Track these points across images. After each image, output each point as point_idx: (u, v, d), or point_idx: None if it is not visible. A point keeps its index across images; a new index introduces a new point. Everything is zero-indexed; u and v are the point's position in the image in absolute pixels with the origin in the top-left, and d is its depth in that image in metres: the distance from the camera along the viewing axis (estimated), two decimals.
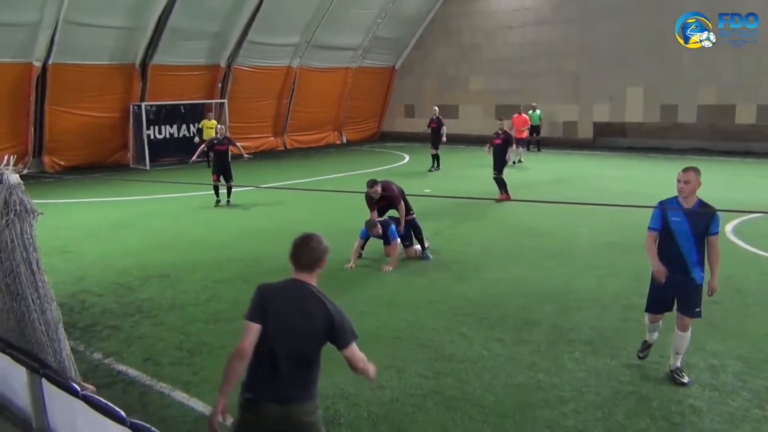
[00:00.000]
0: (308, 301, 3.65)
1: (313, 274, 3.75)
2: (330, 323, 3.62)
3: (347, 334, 3.67)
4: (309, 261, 3.71)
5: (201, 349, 6.86)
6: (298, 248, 3.73)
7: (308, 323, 3.61)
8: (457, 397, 5.63)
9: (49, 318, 4.04)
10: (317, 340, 3.65)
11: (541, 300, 8.17)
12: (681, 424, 5.10)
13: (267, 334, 3.62)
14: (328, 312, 3.63)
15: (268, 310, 3.64)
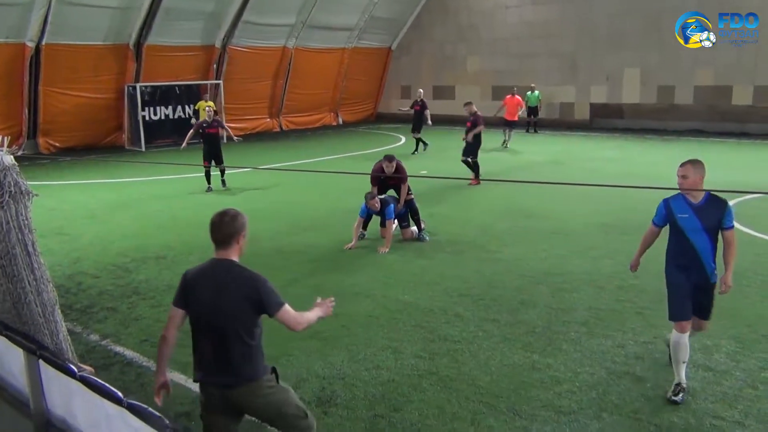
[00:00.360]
0: (228, 277, 3.67)
1: (232, 250, 3.75)
2: (253, 293, 3.63)
3: (272, 301, 3.68)
4: (224, 237, 3.72)
5: None
6: (214, 225, 3.75)
7: (231, 298, 3.63)
8: (453, 378, 5.67)
9: (46, 300, 4.03)
10: (244, 314, 3.65)
11: (536, 281, 8.21)
12: (675, 404, 5.14)
13: (194, 317, 3.74)
14: (248, 283, 3.65)
15: (190, 293, 3.73)
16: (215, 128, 14.78)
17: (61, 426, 3.27)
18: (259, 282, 3.68)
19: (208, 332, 3.70)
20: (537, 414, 5.04)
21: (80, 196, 14.70)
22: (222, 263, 3.73)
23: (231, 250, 3.75)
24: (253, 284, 3.66)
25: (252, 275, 3.70)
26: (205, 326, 3.72)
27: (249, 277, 3.69)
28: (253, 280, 3.68)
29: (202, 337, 3.75)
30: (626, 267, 8.62)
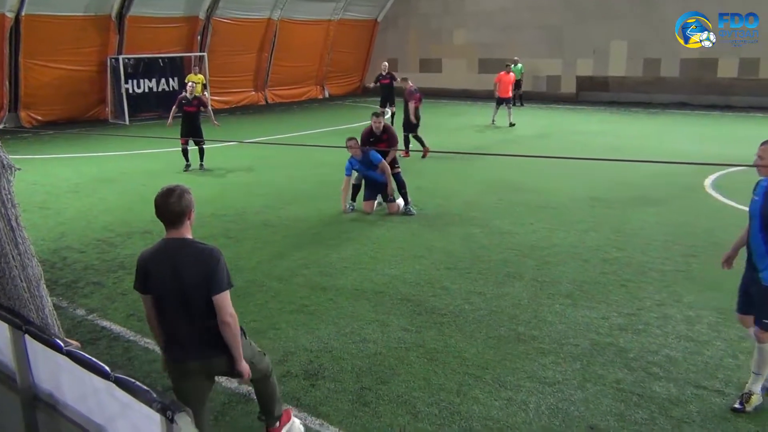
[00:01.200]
0: (182, 255, 3.63)
1: (184, 228, 3.69)
2: (205, 270, 3.59)
3: (218, 281, 3.60)
4: (173, 217, 3.65)
5: None
6: (160, 207, 3.65)
7: (187, 277, 3.59)
8: (439, 350, 5.72)
9: (30, 274, 4.01)
10: (202, 291, 3.61)
11: (522, 254, 8.26)
12: (657, 374, 5.23)
13: (157, 299, 3.72)
14: (202, 257, 3.62)
15: (148, 276, 3.69)
16: (194, 107, 13.97)
17: (48, 400, 3.27)
18: (212, 257, 3.63)
19: (176, 311, 3.68)
20: (522, 385, 5.11)
21: (63, 170, 14.55)
22: (175, 242, 3.68)
23: (183, 229, 3.69)
24: (207, 258, 3.62)
25: (207, 249, 3.66)
26: (171, 306, 3.68)
27: (203, 250, 3.66)
28: (207, 254, 3.64)
29: (170, 317, 3.72)
30: (611, 239, 8.75)
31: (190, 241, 3.69)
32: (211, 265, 3.59)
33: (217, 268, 3.60)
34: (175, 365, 3.83)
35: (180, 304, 3.65)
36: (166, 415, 2.34)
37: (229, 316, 3.63)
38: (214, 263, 3.60)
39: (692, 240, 8.67)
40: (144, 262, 3.74)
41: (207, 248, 3.66)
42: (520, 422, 4.61)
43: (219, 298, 3.60)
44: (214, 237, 9.27)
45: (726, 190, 11.38)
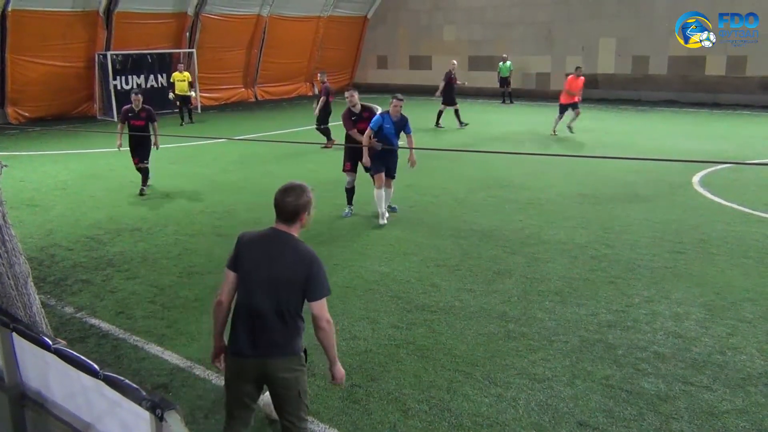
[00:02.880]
0: (283, 249, 3.54)
1: (294, 227, 3.61)
2: (305, 272, 3.50)
3: (319, 287, 3.54)
4: (287, 215, 3.58)
5: (174, 302, 6.86)
6: (278, 200, 3.60)
7: (282, 271, 3.51)
8: (429, 347, 5.73)
9: (18, 272, 3.99)
10: (292, 290, 3.52)
11: (511, 251, 8.28)
12: (645, 370, 5.26)
13: (242, 283, 3.59)
14: (304, 259, 3.52)
15: (243, 258, 3.59)
16: (143, 120, 11.70)
17: (36, 398, 3.26)
18: (314, 261, 3.54)
19: (253, 300, 3.55)
20: (512, 381, 5.12)
21: (51, 166, 14.44)
22: (281, 234, 3.59)
23: (293, 227, 3.61)
24: (309, 261, 3.52)
25: (310, 252, 3.56)
26: (250, 293, 3.56)
27: (306, 252, 3.56)
28: (310, 257, 3.54)
29: (246, 304, 3.59)
30: (600, 236, 8.79)
31: (296, 238, 3.61)
32: (313, 269, 3.52)
33: (320, 273, 3.53)
34: (234, 360, 3.64)
35: (266, 296, 3.53)
36: (156, 413, 2.33)
37: (326, 322, 3.56)
38: (317, 267, 3.53)
39: (680, 237, 8.72)
40: (245, 241, 3.65)
41: (312, 252, 3.57)
42: (510, 419, 4.63)
43: (318, 305, 3.53)
44: (204, 234, 9.25)
45: (714, 187, 11.46)
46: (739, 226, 9.21)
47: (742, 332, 5.92)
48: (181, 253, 8.44)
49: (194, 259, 8.18)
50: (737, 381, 5.08)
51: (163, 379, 5.25)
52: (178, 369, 5.42)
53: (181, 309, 6.67)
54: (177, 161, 14.76)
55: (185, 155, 15.48)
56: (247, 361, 3.58)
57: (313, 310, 3.54)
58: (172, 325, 6.28)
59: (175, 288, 7.26)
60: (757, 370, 5.25)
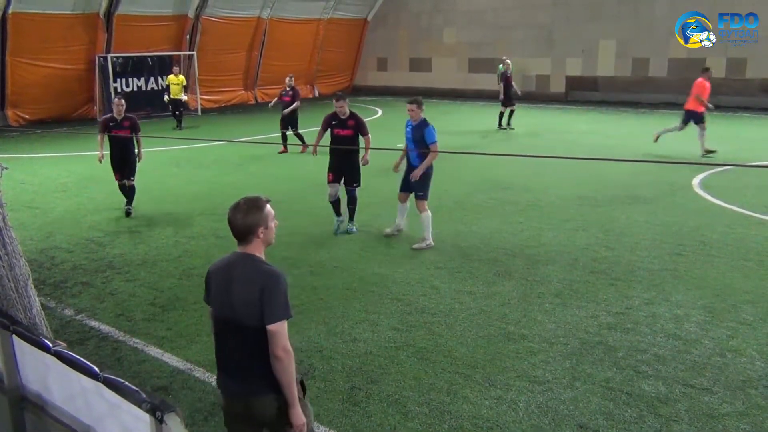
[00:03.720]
0: (241, 271, 3.27)
1: (252, 245, 3.31)
2: (258, 292, 3.18)
3: (272, 307, 3.18)
4: (239, 233, 3.31)
5: (174, 304, 6.86)
6: (229, 221, 3.33)
7: (240, 294, 3.23)
8: (429, 349, 5.73)
9: (18, 274, 3.99)
10: (251, 314, 3.20)
11: (511, 253, 8.28)
12: (645, 373, 5.26)
13: (212, 313, 3.44)
14: (258, 279, 3.21)
15: (209, 287, 3.43)
16: (126, 130, 10.34)
17: (36, 401, 3.25)
18: (269, 281, 3.22)
19: (223, 332, 3.34)
20: (512, 384, 5.12)
21: (51, 169, 14.45)
22: (238, 257, 3.33)
23: (251, 245, 3.31)
24: (261, 279, 3.21)
25: (266, 271, 3.25)
26: (220, 325, 3.36)
27: (262, 272, 3.25)
28: (262, 274, 3.24)
29: (218, 336, 3.40)
30: (600, 238, 8.79)
31: (253, 258, 3.30)
32: (267, 288, 3.19)
33: (273, 292, 3.19)
34: (222, 398, 3.45)
35: (230, 324, 3.28)
36: (156, 416, 2.33)
37: (281, 350, 3.17)
38: (271, 285, 3.20)
39: (680, 239, 8.72)
40: (209, 272, 3.47)
41: (268, 269, 3.26)
42: (510, 421, 4.63)
43: (272, 329, 3.17)
44: (203, 236, 9.25)
45: (714, 189, 11.45)
46: (740, 228, 9.21)
47: (743, 334, 5.92)
48: (181, 255, 8.44)
49: (194, 261, 8.18)
50: (737, 383, 5.07)
51: (163, 382, 5.25)
52: (177, 371, 5.42)
53: (181, 311, 6.67)
54: (177, 163, 14.78)
55: (185, 157, 15.49)
56: (232, 400, 3.37)
57: (269, 335, 3.18)
58: (172, 328, 6.28)
59: (175, 290, 7.26)
60: (757, 372, 5.24)
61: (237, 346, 3.28)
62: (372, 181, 12.64)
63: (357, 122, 8.97)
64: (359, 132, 9.02)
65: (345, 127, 8.95)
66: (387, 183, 12.42)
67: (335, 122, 8.97)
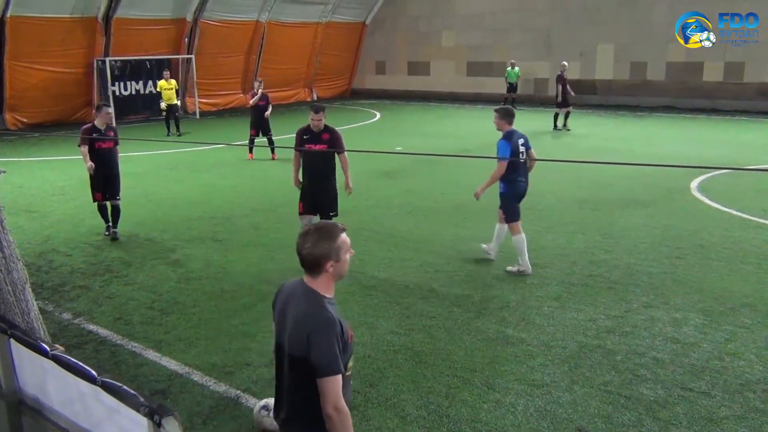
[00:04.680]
0: (297, 307, 2.96)
1: (317, 280, 2.97)
2: (304, 341, 2.86)
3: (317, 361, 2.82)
4: (305, 265, 2.99)
5: (173, 308, 6.84)
6: (297, 247, 2.99)
7: (292, 333, 2.94)
8: (428, 353, 5.72)
9: (16, 278, 3.98)
10: (297, 359, 2.91)
11: (510, 257, 8.27)
12: (644, 376, 5.26)
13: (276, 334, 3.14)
14: (303, 325, 2.89)
15: (274, 311, 3.15)
16: (111, 142, 9.47)
17: (33, 405, 3.24)
18: (316, 329, 2.85)
19: (279, 357, 3.08)
20: (510, 387, 5.12)
21: (49, 172, 14.43)
22: (302, 289, 3.00)
23: (317, 280, 2.97)
24: (311, 327, 2.86)
25: (317, 317, 2.88)
26: (277, 355, 3.09)
27: (313, 317, 2.88)
28: (313, 323, 2.87)
29: (276, 360, 3.12)
30: (599, 241, 8.79)
31: (313, 296, 2.95)
32: (314, 335, 2.84)
33: (320, 343, 2.83)
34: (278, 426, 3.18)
35: (282, 358, 3.03)
36: (154, 420, 2.32)
37: (331, 407, 2.81)
38: (318, 335, 2.84)
39: (679, 242, 8.73)
40: (277, 290, 3.18)
41: (321, 315, 2.88)
42: (509, 425, 4.62)
43: (321, 384, 2.81)
44: (202, 240, 9.24)
45: (712, 192, 11.47)
46: (738, 231, 9.22)
47: (741, 338, 5.92)
48: (179, 259, 8.43)
49: (192, 265, 8.17)
50: (736, 387, 5.07)
51: (161, 385, 5.24)
52: (176, 375, 5.41)
53: (179, 315, 6.66)
54: (175, 167, 14.77)
55: (184, 161, 15.49)
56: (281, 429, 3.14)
57: (320, 389, 2.84)
58: (170, 331, 6.27)
59: (173, 294, 7.25)
60: (755, 375, 5.24)
61: (288, 376, 3.01)
62: (371, 183, 12.66)
63: (332, 136, 7.68)
64: (334, 148, 7.70)
65: (318, 141, 7.66)
66: (385, 186, 12.45)
67: (307, 136, 7.70)
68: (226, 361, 5.58)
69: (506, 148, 7.77)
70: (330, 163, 7.77)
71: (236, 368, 5.47)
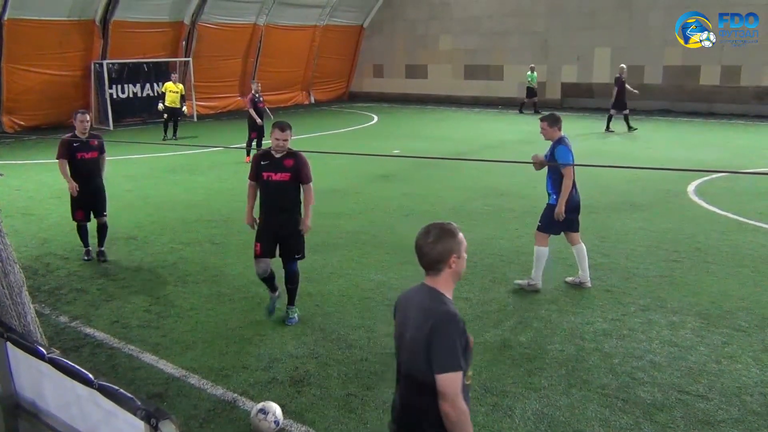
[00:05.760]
0: (419, 306, 2.94)
1: (439, 278, 2.97)
2: (426, 334, 2.81)
3: (438, 355, 2.77)
4: (428, 263, 2.98)
5: (169, 311, 6.83)
6: (417, 249, 3.00)
7: (413, 333, 2.89)
8: None
9: (13, 281, 3.97)
10: (418, 356, 2.85)
11: (507, 260, 8.29)
12: (641, 379, 5.26)
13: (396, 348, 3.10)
14: (427, 318, 2.85)
15: (395, 319, 3.11)
16: (94, 151, 8.48)
17: (30, 408, 3.24)
18: (440, 321, 2.82)
19: (400, 368, 3.03)
20: (508, 390, 5.11)
21: (46, 175, 14.40)
22: (424, 290, 3.00)
23: (440, 278, 2.97)
24: (432, 319, 2.82)
25: (442, 311, 2.86)
26: (398, 361, 3.05)
27: (437, 311, 2.86)
28: (437, 316, 2.84)
29: (396, 371, 3.09)
30: (596, 245, 8.80)
31: (437, 294, 2.94)
32: (436, 329, 2.80)
33: (442, 336, 2.79)
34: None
35: (400, 362, 3.02)
36: (150, 423, 2.32)
37: (448, 405, 2.75)
38: (441, 327, 2.80)
39: (675, 246, 8.74)
40: (397, 300, 3.19)
41: (446, 309, 2.87)
42: (506, 428, 4.62)
43: (440, 380, 2.76)
44: (199, 242, 9.23)
45: (709, 196, 11.49)
46: (735, 235, 9.24)
47: (738, 341, 5.93)
48: (177, 262, 8.42)
49: (189, 268, 8.16)
50: (733, 390, 5.08)
51: (158, 389, 5.23)
52: (173, 378, 5.40)
53: (176, 318, 6.65)
54: (173, 170, 14.76)
55: (181, 164, 15.48)
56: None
57: (438, 388, 2.78)
58: (167, 335, 6.25)
59: (170, 297, 7.24)
60: (752, 379, 5.25)
61: (406, 385, 2.96)
62: (368, 186, 12.68)
63: (297, 163, 6.17)
64: (299, 178, 6.21)
65: (280, 169, 6.14)
66: (382, 189, 12.46)
67: (266, 162, 6.19)
68: (223, 365, 5.57)
69: (568, 153, 7.11)
70: (294, 196, 6.27)
71: (233, 371, 5.47)
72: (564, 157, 6.99)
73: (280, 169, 6.15)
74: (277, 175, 6.15)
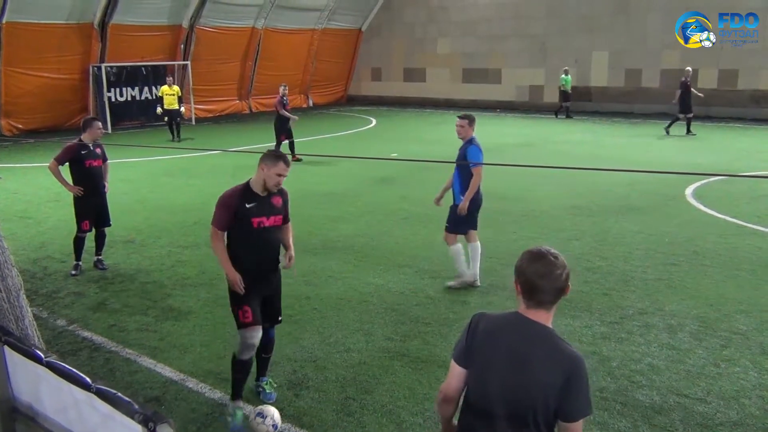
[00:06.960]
0: (535, 346, 2.66)
1: (550, 313, 2.73)
2: (561, 380, 2.58)
3: (578, 402, 2.61)
4: (549, 294, 2.69)
5: (167, 315, 6.82)
6: (540, 275, 2.67)
7: (530, 376, 2.63)
8: (423, 359, 5.71)
9: (10, 284, 3.97)
10: (541, 403, 2.61)
11: (506, 263, 8.27)
12: (640, 382, 5.26)
13: (477, 384, 2.79)
14: (563, 365, 2.61)
15: (477, 351, 2.81)
16: (100, 159, 8.23)
17: (27, 412, 3.23)
18: (577, 367, 2.61)
19: (494, 409, 2.71)
20: None
21: (44, 179, 14.35)
22: (532, 326, 2.69)
23: (550, 313, 2.73)
24: (570, 366, 2.61)
25: (572, 354, 2.64)
26: (486, 399, 2.73)
27: (568, 353, 2.64)
28: (571, 360, 2.62)
29: (482, 410, 2.75)
30: (594, 248, 8.81)
31: (553, 334, 2.70)
32: (575, 377, 2.60)
33: (582, 384, 2.61)
34: None
35: (506, 406, 2.68)
36: (148, 427, 2.31)
37: None
38: (579, 376, 2.61)
39: (674, 249, 8.75)
40: (479, 330, 2.86)
41: (574, 352, 2.65)
42: None
43: (571, 426, 2.63)
44: (197, 246, 9.22)
45: (706, 199, 11.51)
46: (732, 238, 9.25)
47: (736, 344, 5.93)
48: (175, 265, 8.41)
49: (187, 271, 8.15)
50: (731, 393, 5.08)
51: (156, 392, 5.21)
52: (170, 382, 5.39)
53: (174, 321, 6.64)
54: (171, 173, 14.76)
55: (179, 167, 15.48)
56: None
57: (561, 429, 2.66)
58: (165, 338, 6.24)
59: (168, 300, 7.23)
60: (751, 382, 5.25)
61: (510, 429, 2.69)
62: (366, 189, 12.68)
63: (284, 199, 5.09)
64: (285, 218, 5.10)
65: (273, 211, 4.92)
66: (380, 192, 12.47)
67: (251, 204, 4.82)
68: (221, 368, 5.56)
69: (479, 153, 7.81)
70: (279, 239, 5.11)
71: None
72: (475, 156, 7.57)
73: (272, 211, 4.89)
74: (270, 219, 4.87)
